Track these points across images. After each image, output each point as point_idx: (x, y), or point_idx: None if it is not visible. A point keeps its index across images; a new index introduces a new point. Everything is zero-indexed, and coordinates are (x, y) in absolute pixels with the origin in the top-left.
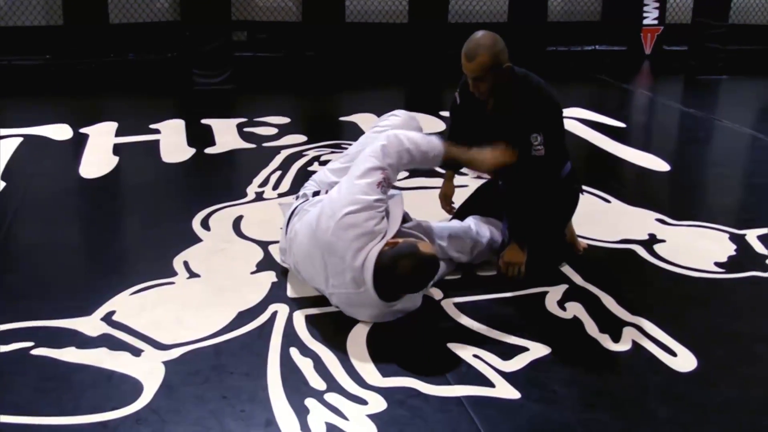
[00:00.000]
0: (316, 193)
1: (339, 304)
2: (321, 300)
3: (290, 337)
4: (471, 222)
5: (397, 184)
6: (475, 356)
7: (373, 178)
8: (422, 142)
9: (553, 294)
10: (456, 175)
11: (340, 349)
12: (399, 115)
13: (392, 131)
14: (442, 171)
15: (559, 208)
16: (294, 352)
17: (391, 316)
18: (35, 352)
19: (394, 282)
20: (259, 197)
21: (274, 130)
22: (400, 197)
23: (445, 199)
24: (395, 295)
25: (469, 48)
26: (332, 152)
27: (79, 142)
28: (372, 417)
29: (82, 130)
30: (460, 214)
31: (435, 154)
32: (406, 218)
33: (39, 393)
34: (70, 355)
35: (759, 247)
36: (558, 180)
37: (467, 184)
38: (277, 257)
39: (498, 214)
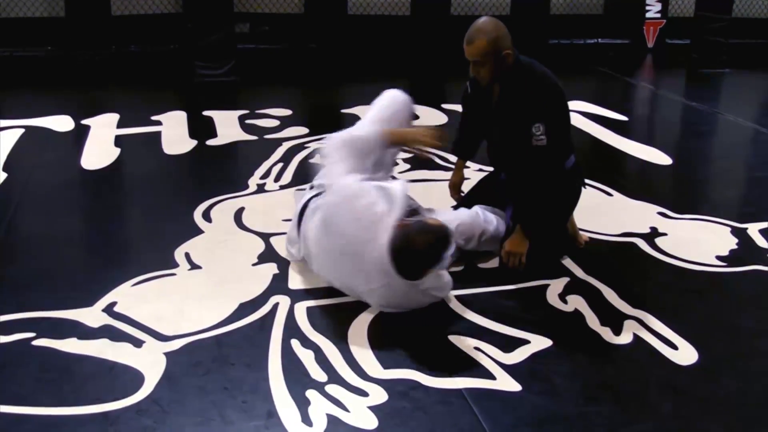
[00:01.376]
0: None
1: (380, 302)
2: (322, 292)
3: (291, 329)
4: (478, 209)
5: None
6: (476, 348)
7: (342, 169)
8: (361, 134)
9: (555, 287)
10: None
11: (341, 340)
12: (386, 97)
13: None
14: (452, 160)
15: (562, 200)
16: (295, 343)
17: (428, 298)
18: (37, 342)
19: (413, 259)
20: (261, 189)
21: (276, 122)
22: (403, 185)
23: (455, 188)
24: (418, 273)
25: (470, 33)
26: None
27: (80, 134)
28: (373, 409)
29: (84, 122)
30: (465, 204)
31: (376, 138)
32: (414, 208)
33: (40, 383)
34: (71, 345)
35: (761, 241)
36: (562, 171)
37: (469, 177)
38: (282, 251)
39: (501, 205)
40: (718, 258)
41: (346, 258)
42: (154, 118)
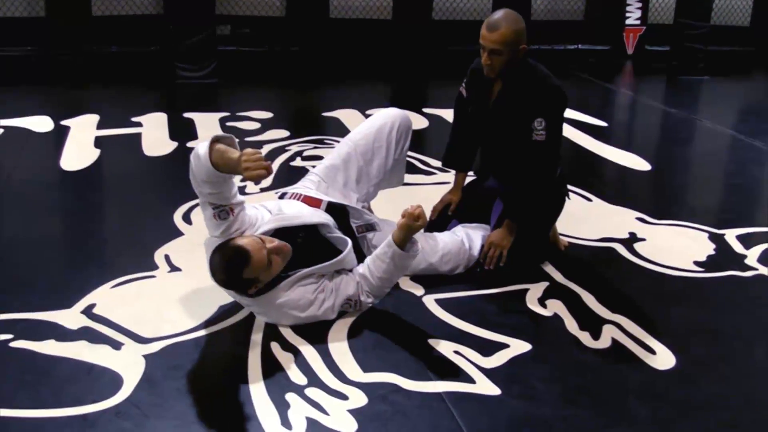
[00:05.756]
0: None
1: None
2: None
3: (271, 332)
4: (462, 235)
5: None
6: (456, 352)
7: (207, 213)
8: (197, 148)
9: (534, 291)
10: (440, 172)
11: (320, 344)
12: (388, 112)
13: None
14: (433, 164)
15: (551, 201)
16: (275, 346)
17: (289, 318)
18: (14, 344)
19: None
20: (241, 192)
21: (256, 125)
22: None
23: (442, 205)
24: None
25: (492, 20)
26: (315, 147)
27: (60, 135)
28: (353, 412)
29: (64, 122)
30: (445, 217)
31: (201, 153)
32: (371, 223)
33: (18, 386)
34: (49, 347)
35: (738, 247)
36: (555, 171)
37: (447, 180)
38: None
39: (483, 216)
40: (696, 263)
41: None
42: (134, 119)
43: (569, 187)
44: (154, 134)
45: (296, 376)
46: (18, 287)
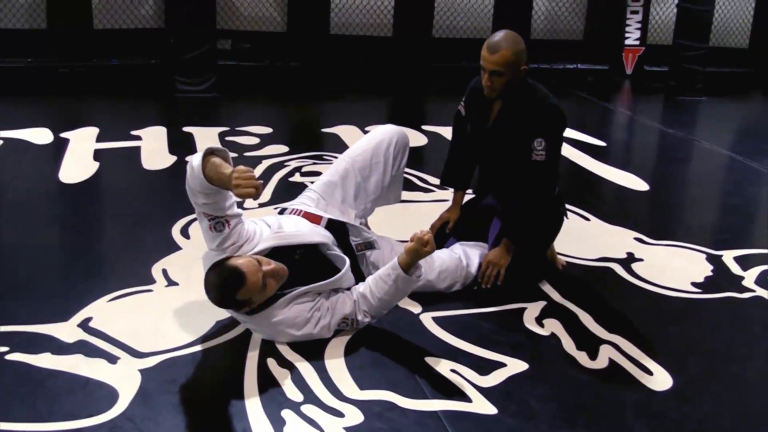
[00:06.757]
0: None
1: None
2: None
3: (268, 348)
4: (460, 252)
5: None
6: (453, 371)
7: (203, 224)
8: (192, 159)
9: (532, 310)
10: (438, 189)
11: (317, 360)
12: (386, 129)
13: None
14: (431, 181)
15: (550, 221)
16: (271, 362)
17: (285, 336)
18: (10, 357)
19: (205, 290)
20: (239, 207)
21: (255, 140)
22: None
23: (440, 222)
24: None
25: (493, 41)
26: (314, 163)
27: (59, 147)
28: (349, 430)
29: (63, 135)
30: (443, 235)
31: (195, 165)
32: (369, 241)
33: (13, 398)
34: (45, 360)
35: (735, 268)
36: (554, 191)
37: (446, 198)
38: None
39: (481, 235)
40: (693, 284)
41: None
42: (133, 132)
43: (567, 206)
44: (153, 148)
45: (292, 392)
46: (14, 299)
